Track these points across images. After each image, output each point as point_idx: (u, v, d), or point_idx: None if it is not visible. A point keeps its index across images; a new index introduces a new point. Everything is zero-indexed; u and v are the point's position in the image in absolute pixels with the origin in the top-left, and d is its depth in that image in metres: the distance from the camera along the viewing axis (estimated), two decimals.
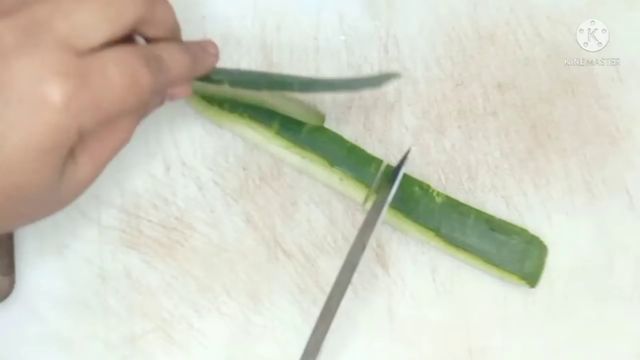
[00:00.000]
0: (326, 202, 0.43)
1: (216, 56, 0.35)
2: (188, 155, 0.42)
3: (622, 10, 0.46)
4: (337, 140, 0.42)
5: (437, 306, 0.42)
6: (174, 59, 0.31)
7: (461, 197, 0.43)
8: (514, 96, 0.44)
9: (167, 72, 0.30)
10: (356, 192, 0.42)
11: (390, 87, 0.44)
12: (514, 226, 0.42)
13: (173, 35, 0.33)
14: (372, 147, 0.43)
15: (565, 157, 0.44)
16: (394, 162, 0.42)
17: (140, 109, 0.32)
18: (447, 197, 0.42)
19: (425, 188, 0.42)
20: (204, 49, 0.35)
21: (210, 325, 0.41)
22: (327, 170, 0.42)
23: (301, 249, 0.42)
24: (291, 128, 0.42)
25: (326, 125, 0.42)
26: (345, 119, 0.43)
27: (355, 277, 0.42)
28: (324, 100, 0.43)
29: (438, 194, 0.42)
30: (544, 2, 0.45)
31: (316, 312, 0.42)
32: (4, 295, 0.40)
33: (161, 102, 0.35)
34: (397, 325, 0.42)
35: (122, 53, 0.27)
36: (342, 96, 0.43)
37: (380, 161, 0.42)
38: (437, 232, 0.41)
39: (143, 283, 0.41)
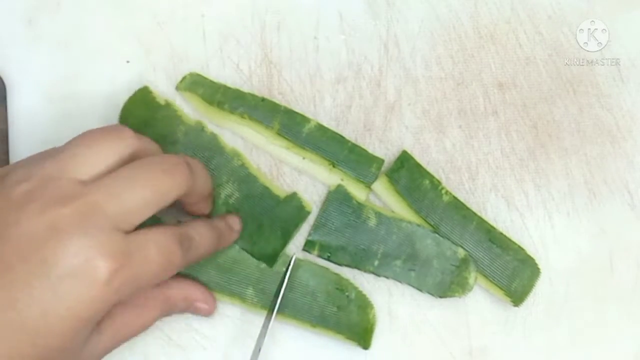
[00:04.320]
0: None
1: (238, 232, 0.40)
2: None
3: (622, 10, 0.46)
4: (338, 140, 0.42)
5: (437, 306, 0.42)
6: (202, 238, 0.35)
7: (462, 197, 0.43)
8: (514, 96, 0.44)
9: (196, 251, 0.34)
10: (357, 192, 0.42)
11: (390, 87, 0.44)
12: (513, 242, 0.42)
13: (205, 202, 0.38)
14: (372, 147, 0.43)
15: (566, 156, 0.44)
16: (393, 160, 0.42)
17: (165, 308, 0.37)
18: (455, 198, 0.42)
19: (435, 183, 0.42)
20: (229, 226, 0.39)
21: (209, 326, 0.41)
22: (327, 170, 0.42)
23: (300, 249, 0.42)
24: (292, 128, 0.42)
25: (326, 125, 0.42)
26: (345, 118, 0.43)
27: (356, 276, 0.42)
28: (324, 99, 0.43)
29: (446, 192, 0.42)
30: (544, 1, 0.45)
31: None
32: None
33: (185, 310, 0.39)
34: (397, 325, 0.42)
35: (160, 235, 0.31)
36: (342, 96, 0.43)
37: (381, 161, 0.42)
38: (435, 228, 0.41)
39: None
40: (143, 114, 0.41)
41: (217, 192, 0.41)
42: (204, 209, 0.38)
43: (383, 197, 0.42)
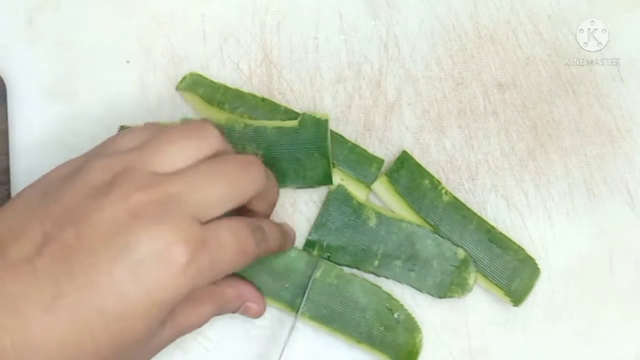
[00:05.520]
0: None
1: (294, 240, 0.41)
2: None
3: (622, 10, 0.46)
4: (338, 139, 0.42)
5: (437, 306, 0.42)
6: (272, 232, 0.36)
7: (461, 197, 0.43)
8: (514, 96, 0.44)
9: (267, 243, 0.35)
10: (357, 192, 0.42)
11: (390, 87, 0.44)
12: (512, 242, 0.42)
13: (270, 211, 0.38)
14: (372, 147, 0.43)
15: (565, 156, 0.44)
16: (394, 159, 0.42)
17: (221, 305, 0.37)
18: (454, 198, 0.42)
19: (435, 183, 0.42)
20: (291, 229, 0.40)
21: (210, 325, 0.41)
22: None
23: None
24: None
25: None
26: (345, 118, 0.43)
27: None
28: (324, 99, 0.43)
29: (446, 192, 0.42)
30: (544, 1, 0.45)
31: None
32: None
33: (237, 310, 0.39)
34: None
35: (234, 222, 0.32)
36: (342, 96, 0.43)
37: (381, 161, 0.42)
38: (435, 228, 0.41)
39: None
40: None
41: None
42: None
43: (383, 197, 0.42)
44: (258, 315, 0.40)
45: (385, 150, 0.43)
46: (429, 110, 0.44)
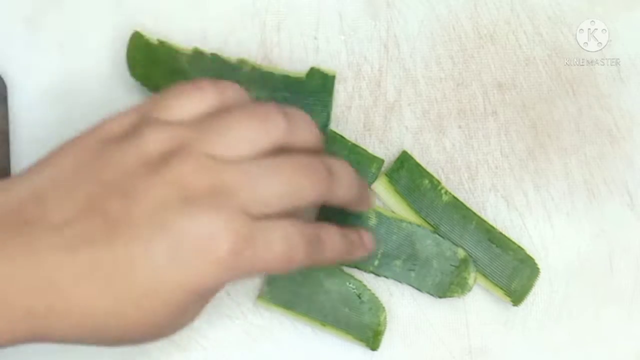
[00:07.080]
0: None
1: (369, 250, 0.37)
2: None
3: (622, 10, 0.46)
4: (338, 140, 0.42)
5: (437, 306, 0.42)
6: (334, 244, 0.33)
7: (461, 197, 0.43)
8: (514, 96, 0.44)
9: (322, 255, 0.32)
10: None
11: (390, 87, 0.44)
12: (512, 242, 0.42)
13: (364, 201, 0.36)
14: (372, 147, 0.43)
15: (565, 157, 0.44)
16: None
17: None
18: (454, 198, 0.42)
19: (435, 183, 0.42)
20: (362, 241, 0.37)
21: (209, 325, 0.41)
22: None
23: None
24: None
25: None
26: (345, 118, 0.43)
27: (356, 276, 0.42)
28: None
29: (446, 192, 0.42)
30: (544, 1, 0.45)
31: None
32: None
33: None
34: (397, 325, 0.42)
35: (291, 227, 0.30)
36: (342, 96, 0.43)
37: (381, 161, 0.42)
38: (435, 228, 0.42)
39: None
40: (147, 57, 0.41)
41: None
42: (360, 205, 0.37)
43: (383, 197, 0.42)
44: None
45: (385, 150, 0.43)
46: (429, 111, 0.44)
